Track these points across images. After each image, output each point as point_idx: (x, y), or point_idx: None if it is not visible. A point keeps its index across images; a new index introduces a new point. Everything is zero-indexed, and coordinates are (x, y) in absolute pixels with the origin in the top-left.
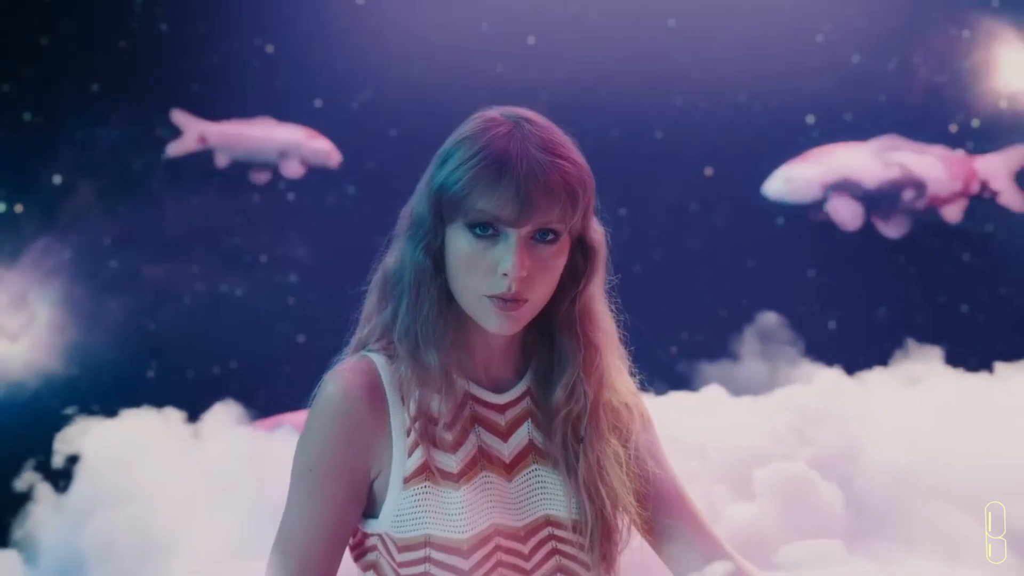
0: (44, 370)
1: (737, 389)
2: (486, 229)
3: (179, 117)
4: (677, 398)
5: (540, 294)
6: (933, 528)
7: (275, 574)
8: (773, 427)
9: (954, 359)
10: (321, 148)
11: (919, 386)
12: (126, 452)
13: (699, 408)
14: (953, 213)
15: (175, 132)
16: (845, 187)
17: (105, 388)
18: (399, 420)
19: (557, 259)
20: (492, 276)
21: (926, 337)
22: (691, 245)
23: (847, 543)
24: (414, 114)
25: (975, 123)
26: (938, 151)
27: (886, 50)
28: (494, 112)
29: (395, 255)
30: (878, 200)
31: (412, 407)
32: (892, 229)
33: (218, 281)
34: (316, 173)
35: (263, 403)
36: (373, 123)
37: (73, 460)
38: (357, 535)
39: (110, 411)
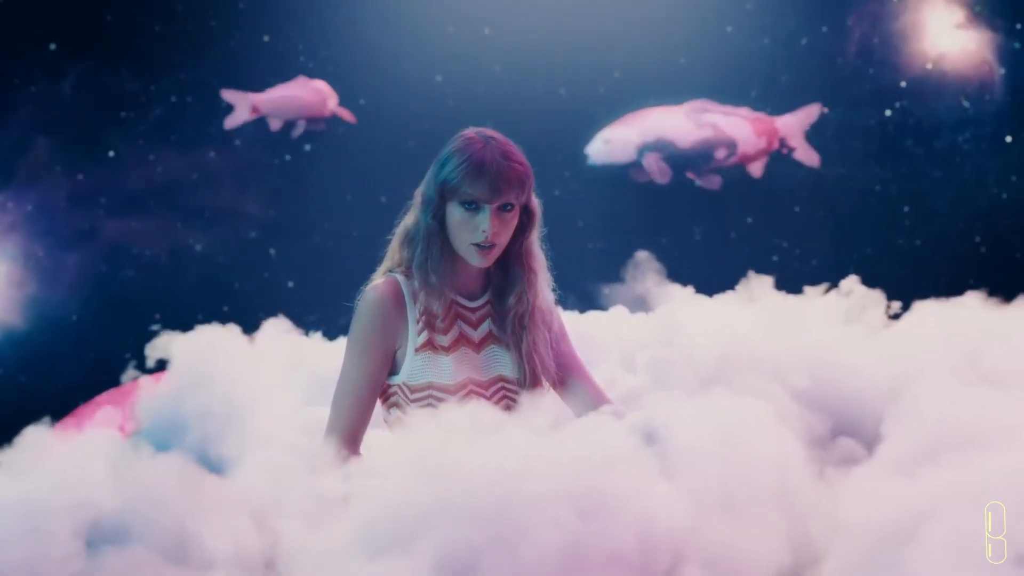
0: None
1: (633, 308)
2: (471, 205)
3: (229, 94)
4: (594, 315)
5: (503, 241)
6: (743, 386)
7: (337, 411)
8: (654, 330)
9: (780, 285)
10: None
11: (755, 304)
12: (205, 353)
13: (608, 320)
14: (756, 168)
15: (134, 89)
16: (659, 147)
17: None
18: (412, 315)
19: (513, 221)
20: (475, 232)
21: (762, 270)
22: (614, 195)
23: (687, 394)
24: (380, 85)
25: (903, 84)
26: (744, 112)
27: (818, 14)
28: (472, 132)
29: (412, 218)
30: (694, 158)
31: (420, 307)
32: (707, 183)
33: (177, 235)
34: (267, 129)
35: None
36: (340, 90)
37: (162, 362)
38: (384, 387)
39: (187, 326)
